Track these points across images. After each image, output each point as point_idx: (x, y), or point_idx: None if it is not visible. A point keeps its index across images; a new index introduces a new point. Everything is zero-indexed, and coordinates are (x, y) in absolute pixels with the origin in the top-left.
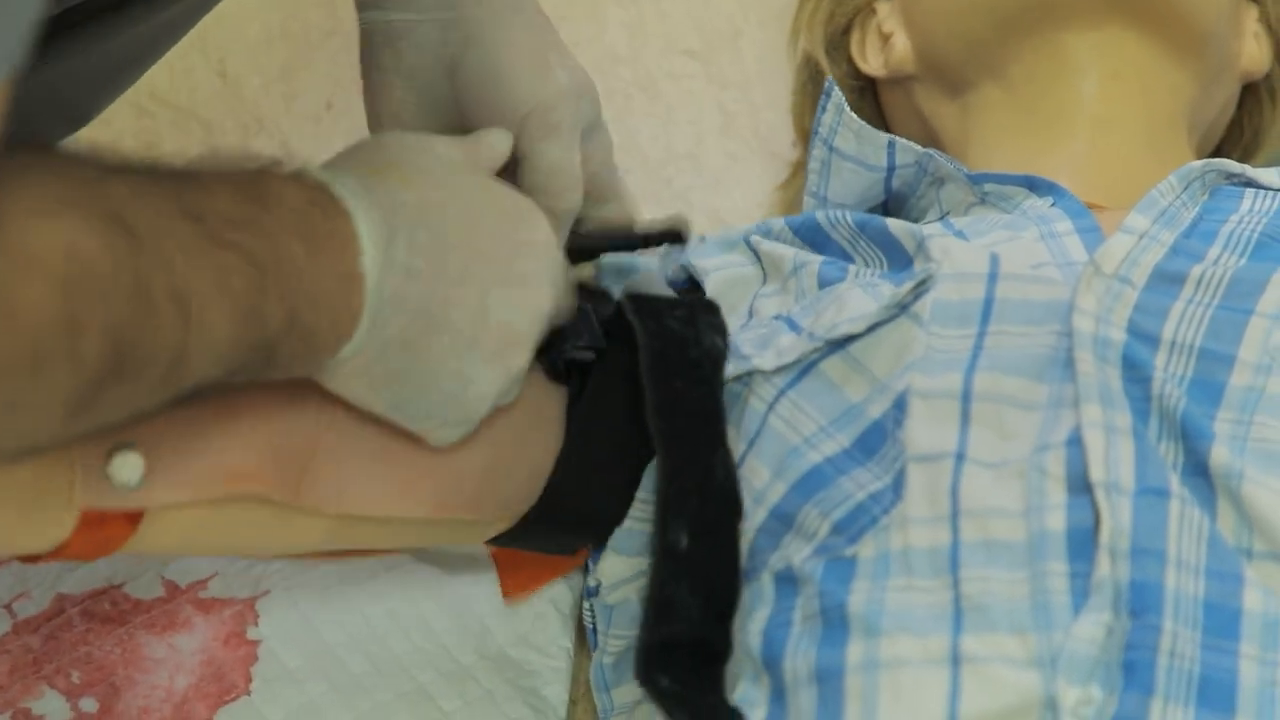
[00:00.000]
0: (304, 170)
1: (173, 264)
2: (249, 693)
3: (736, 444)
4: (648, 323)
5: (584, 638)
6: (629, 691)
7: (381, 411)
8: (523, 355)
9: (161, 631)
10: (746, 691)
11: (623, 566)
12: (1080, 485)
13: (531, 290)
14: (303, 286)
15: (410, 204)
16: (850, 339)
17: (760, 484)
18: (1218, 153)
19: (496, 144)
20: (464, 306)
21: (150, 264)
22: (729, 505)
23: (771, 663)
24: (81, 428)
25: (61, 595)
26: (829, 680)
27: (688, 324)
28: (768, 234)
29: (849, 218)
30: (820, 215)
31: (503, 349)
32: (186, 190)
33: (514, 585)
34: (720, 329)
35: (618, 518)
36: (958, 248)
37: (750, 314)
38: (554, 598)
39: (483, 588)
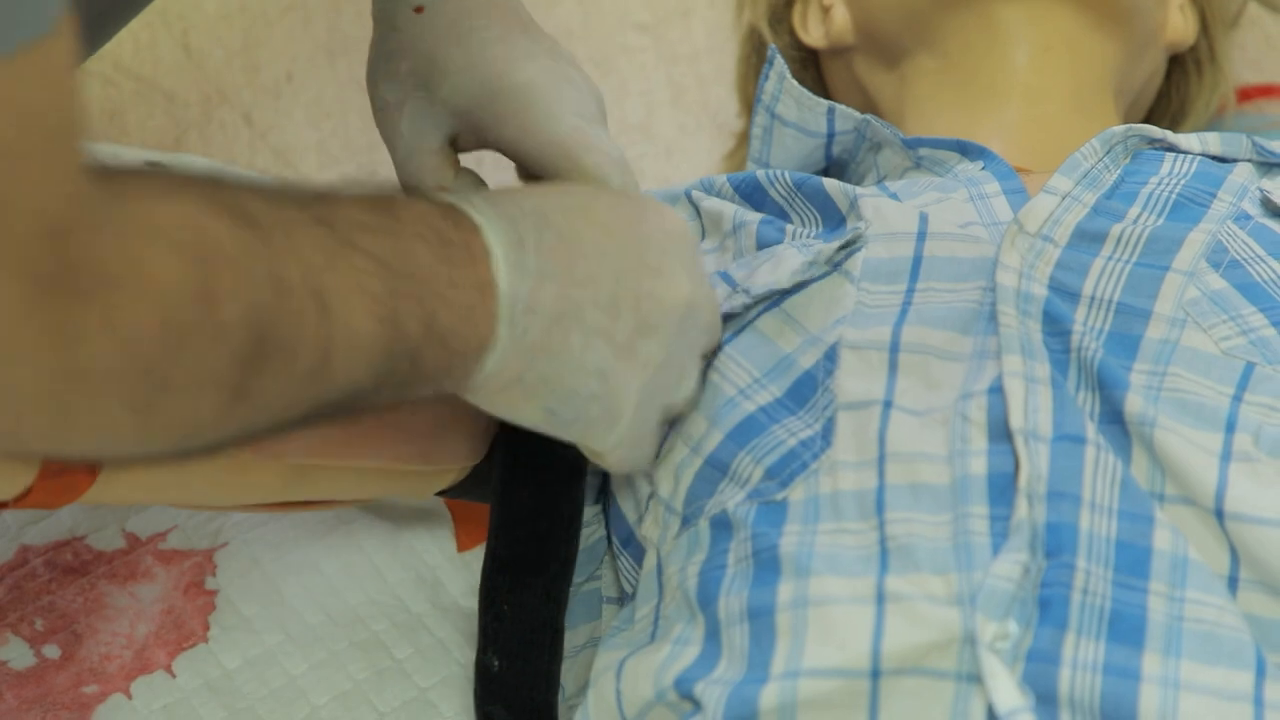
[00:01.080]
0: (428, 191)
1: (307, 260)
2: (207, 640)
3: None
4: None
5: None
6: (578, 634)
7: (537, 423)
8: (659, 346)
9: (123, 581)
10: (683, 632)
11: None
12: (1001, 432)
13: (664, 279)
14: (438, 292)
15: (533, 210)
16: (785, 295)
17: (698, 433)
18: (1147, 121)
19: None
20: (595, 303)
21: (282, 256)
22: (545, 633)
23: (706, 603)
24: (245, 421)
25: (25, 546)
26: (760, 617)
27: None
28: (710, 189)
29: (787, 176)
30: (760, 173)
31: (634, 340)
32: (314, 202)
33: (468, 538)
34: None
35: (562, 462)
36: (889, 207)
37: None
38: None
39: (435, 541)
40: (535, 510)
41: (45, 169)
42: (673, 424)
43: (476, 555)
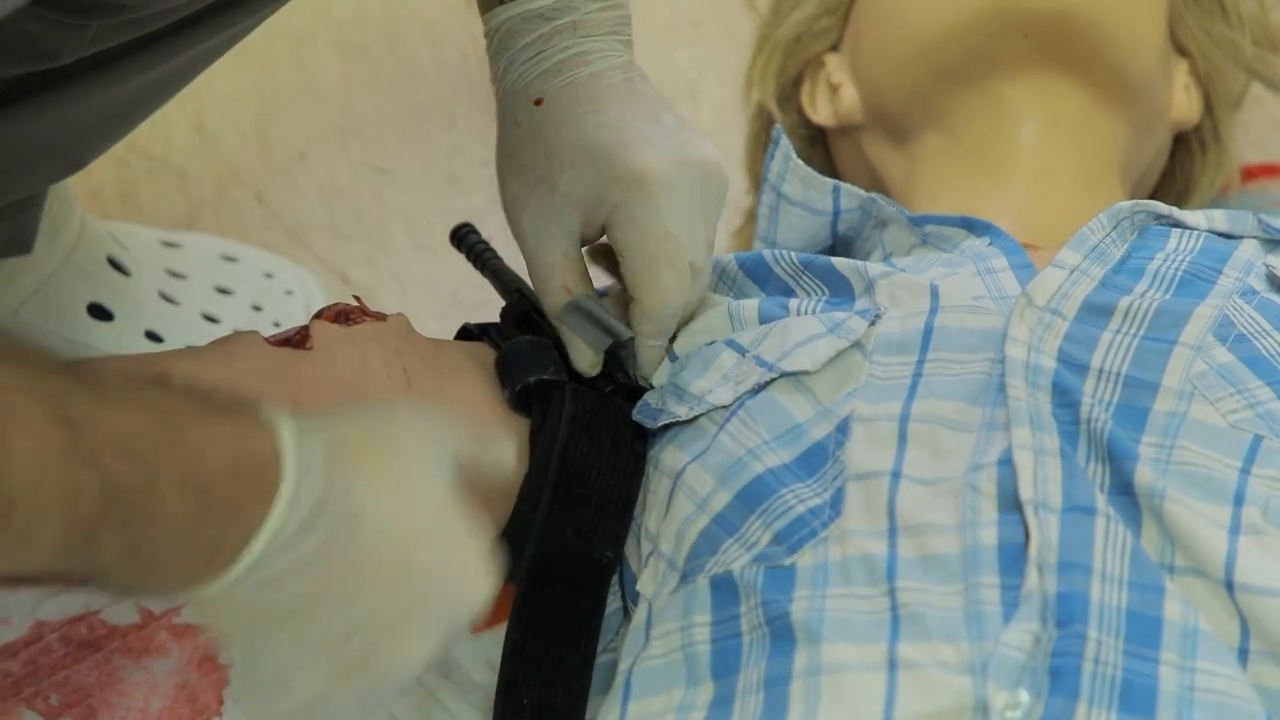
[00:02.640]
0: (274, 421)
1: (11, 465)
2: (220, 714)
3: (679, 458)
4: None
5: None
6: (593, 706)
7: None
8: (377, 700)
9: (137, 656)
10: (685, 698)
11: None
12: (1011, 503)
13: (415, 646)
14: (157, 535)
15: (353, 500)
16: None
17: (704, 491)
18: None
19: (501, 458)
20: (335, 619)
21: None
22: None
23: (723, 674)
24: None
25: (41, 622)
26: (775, 686)
27: (584, 533)
28: (714, 268)
29: (794, 256)
30: (767, 253)
31: (354, 680)
32: (81, 395)
33: (485, 619)
34: (616, 539)
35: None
36: (902, 288)
37: (671, 354)
38: None
39: None
40: (561, 610)
41: None
42: (676, 480)
43: (488, 632)
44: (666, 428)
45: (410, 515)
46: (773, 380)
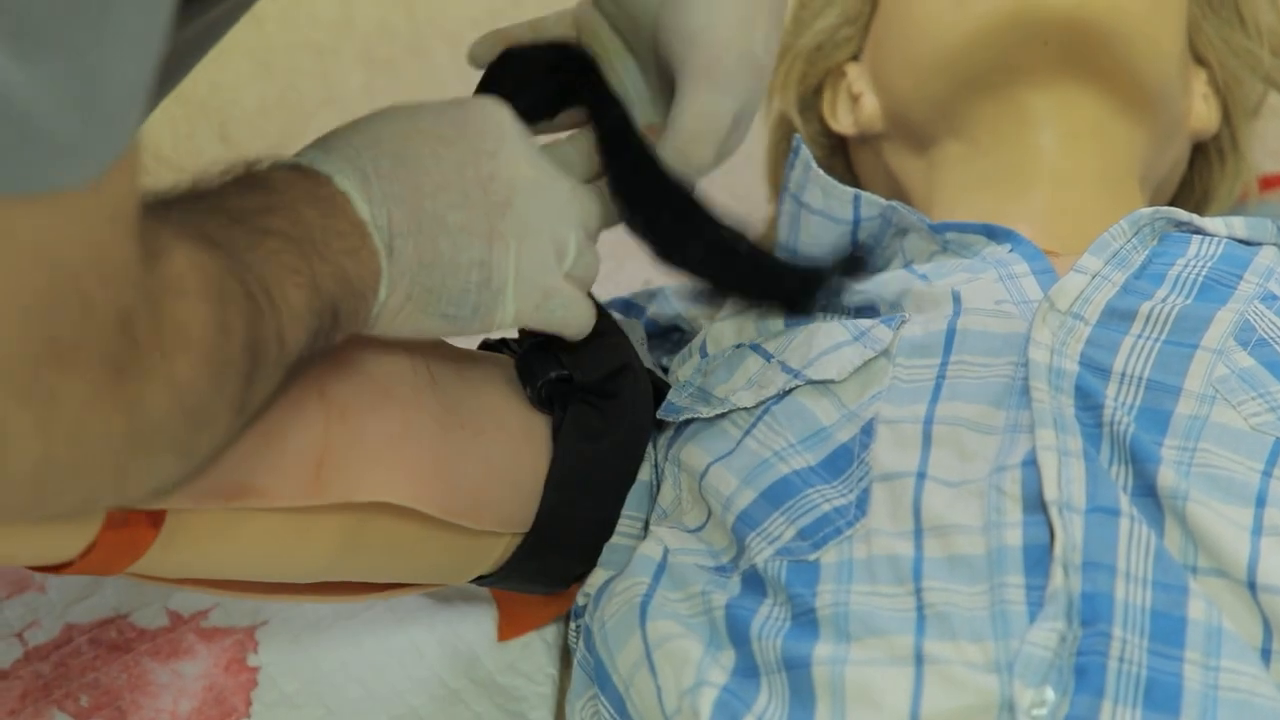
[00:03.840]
0: (270, 158)
1: (247, 261)
2: (249, 716)
3: (701, 457)
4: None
5: (569, 664)
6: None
7: (439, 331)
8: (516, 217)
9: (166, 659)
10: (705, 661)
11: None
12: (1035, 504)
13: (500, 159)
14: (330, 244)
15: (366, 143)
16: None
17: (728, 490)
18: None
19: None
20: (450, 205)
21: (237, 266)
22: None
23: (739, 640)
24: (235, 431)
25: (70, 625)
26: (797, 669)
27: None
28: None
29: None
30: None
31: (493, 221)
32: (215, 203)
33: (509, 628)
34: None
35: (605, 536)
36: (924, 297)
37: (703, 350)
38: (541, 629)
39: (472, 619)
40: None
41: (118, 262)
42: (700, 481)
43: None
44: (687, 423)
45: (395, 115)
46: (797, 387)
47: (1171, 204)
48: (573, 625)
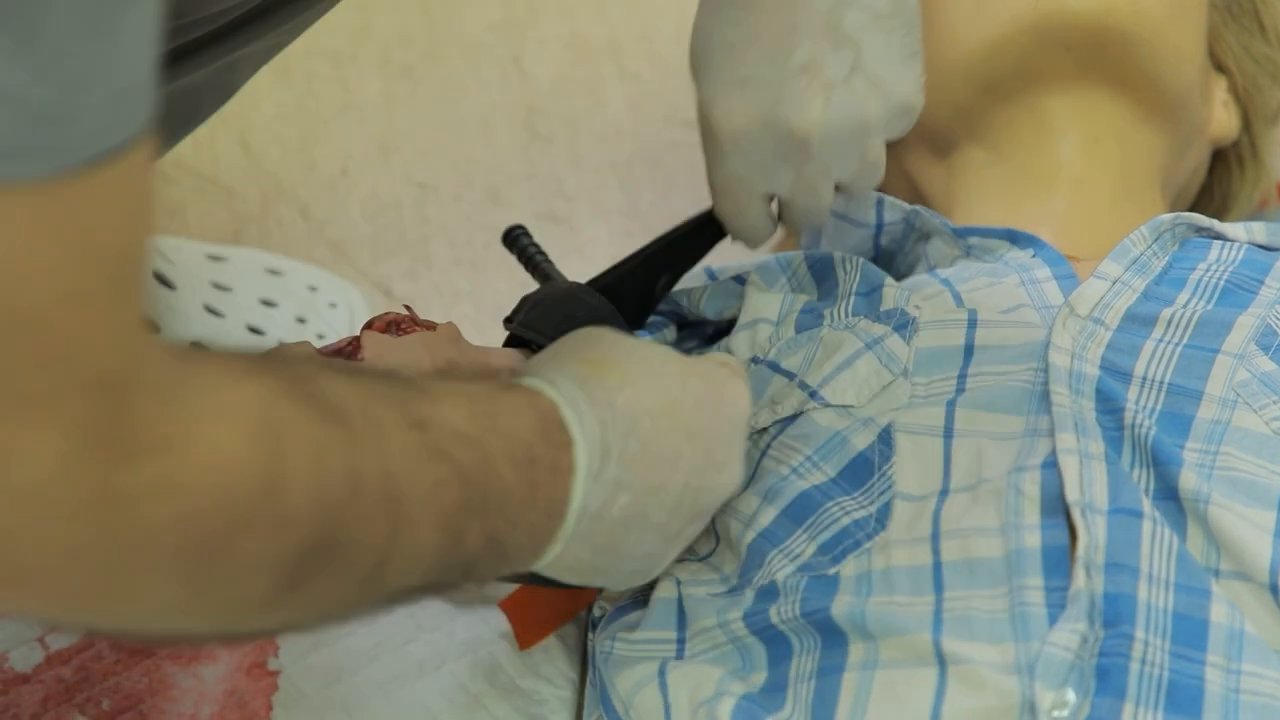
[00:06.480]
0: (535, 382)
1: (389, 465)
2: None
3: None
4: None
5: (588, 668)
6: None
7: (578, 582)
8: (703, 525)
9: (186, 663)
10: (726, 677)
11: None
12: (1054, 507)
13: (725, 474)
14: (508, 512)
15: (626, 412)
16: None
17: (750, 510)
18: None
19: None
20: (660, 507)
21: (366, 457)
22: None
23: (777, 661)
24: (291, 612)
25: None
26: (828, 675)
27: None
28: (786, 266)
29: (861, 263)
30: (838, 255)
31: (685, 529)
32: (416, 398)
33: (527, 637)
34: None
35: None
36: (927, 299)
37: None
38: (561, 633)
39: (493, 624)
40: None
41: (102, 314)
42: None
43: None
44: None
45: (667, 388)
46: (815, 407)
47: (1191, 210)
48: (590, 636)
